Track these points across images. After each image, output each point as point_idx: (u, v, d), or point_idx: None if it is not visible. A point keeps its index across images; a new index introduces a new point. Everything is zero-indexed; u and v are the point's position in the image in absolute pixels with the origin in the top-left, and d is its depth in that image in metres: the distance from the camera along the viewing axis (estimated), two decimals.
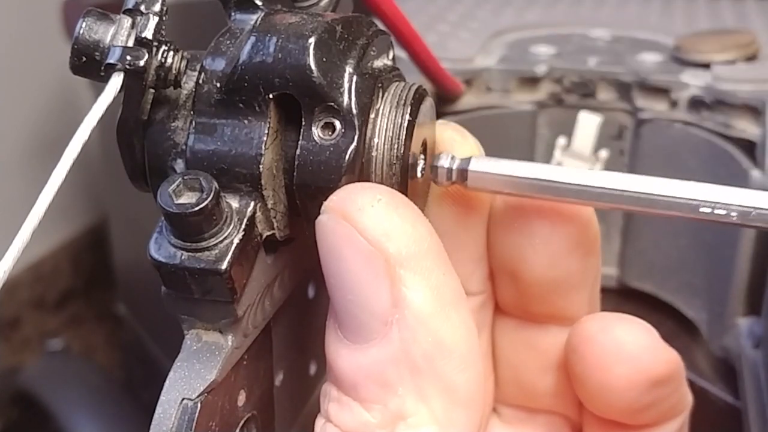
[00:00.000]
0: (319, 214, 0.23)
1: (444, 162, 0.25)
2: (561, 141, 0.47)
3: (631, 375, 0.25)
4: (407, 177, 0.24)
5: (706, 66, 0.45)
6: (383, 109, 0.24)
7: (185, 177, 0.22)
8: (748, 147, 0.42)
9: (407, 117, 0.24)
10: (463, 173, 0.25)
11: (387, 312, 0.22)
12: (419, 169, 0.25)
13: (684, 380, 0.27)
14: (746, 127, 0.42)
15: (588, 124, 0.47)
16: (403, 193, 0.24)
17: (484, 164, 0.25)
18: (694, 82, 0.44)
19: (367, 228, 0.22)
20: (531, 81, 0.47)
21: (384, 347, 0.22)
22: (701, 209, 0.23)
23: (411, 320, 0.22)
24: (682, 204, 0.23)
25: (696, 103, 0.44)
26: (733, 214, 0.23)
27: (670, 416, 0.27)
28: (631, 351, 0.25)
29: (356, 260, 0.22)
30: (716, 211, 0.23)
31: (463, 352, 0.22)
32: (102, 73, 0.23)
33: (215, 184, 0.22)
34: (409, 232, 0.22)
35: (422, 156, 0.25)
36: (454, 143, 0.27)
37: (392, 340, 0.22)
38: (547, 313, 0.28)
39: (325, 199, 0.23)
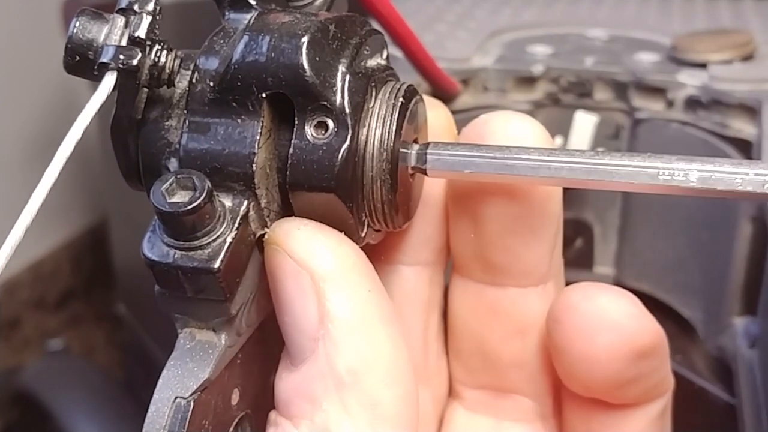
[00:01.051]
0: (313, 212, 0.24)
1: (403, 157, 0.25)
2: (558, 141, 0.47)
3: (615, 344, 0.24)
4: (397, 176, 0.24)
5: (702, 66, 0.46)
6: (376, 109, 0.24)
7: (178, 176, 0.22)
8: (745, 147, 0.42)
9: (399, 116, 0.24)
10: (422, 162, 0.25)
11: (315, 328, 0.23)
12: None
13: (668, 358, 0.26)
14: (742, 127, 0.42)
15: (585, 123, 0.47)
16: (395, 191, 0.24)
17: (441, 152, 0.25)
18: (690, 81, 0.44)
19: (294, 249, 0.23)
20: (528, 81, 0.47)
21: (312, 363, 0.23)
22: (660, 176, 0.23)
23: (335, 334, 0.22)
24: (641, 173, 0.23)
25: (692, 103, 0.44)
26: (693, 178, 0.22)
27: (653, 396, 0.26)
28: (614, 319, 0.24)
29: (287, 281, 0.23)
30: (675, 178, 0.23)
31: (389, 367, 0.23)
32: (95, 72, 0.23)
33: (208, 183, 0.22)
34: (332, 249, 0.23)
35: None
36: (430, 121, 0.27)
37: (319, 356, 0.22)
38: (507, 263, 0.27)
39: (319, 198, 0.23)
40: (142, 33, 0.23)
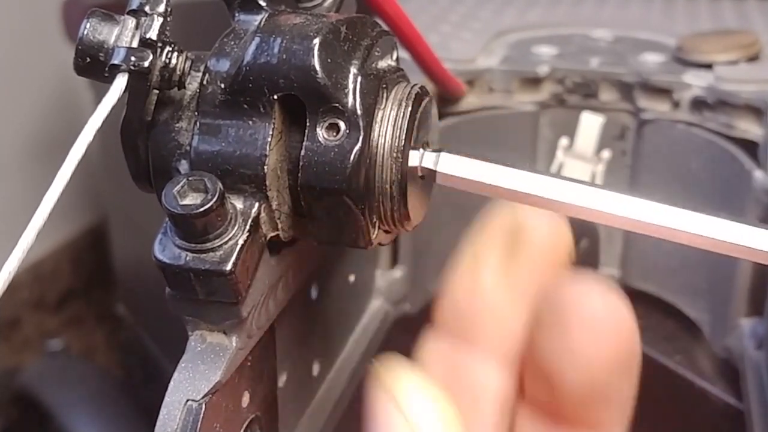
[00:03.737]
0: (324, 214, 0.23)
1: (414, 160, 0.25)
2: (563, 141, 0.47)
3: (609, 344, 0.23)
4: (408, 177, 0.24)
5: (708, 66, 0.45)
6: (387, 110, 0.24)
7: (190, 178, 0.22)
8: (751, 147, 0.42)
9: (410, 118, 0.24)
10: (431, 170, 0.25)
11: None
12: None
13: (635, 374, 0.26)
14: (749, 128, 0.42)
15: (590, 124, 0.46)
16: (405, 192, 0.24)
17: (452, 164, 0.25)
18: (696, 82, 0.44)
19: (404, 403, 0.22)
20: (533, 81, 0.47)
21: None
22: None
23: None
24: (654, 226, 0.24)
25: (698, 104, 0.44)
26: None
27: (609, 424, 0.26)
28: (616, 320, 0.23)
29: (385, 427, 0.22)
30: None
31: None
32: (106, 74, 0.23)
33: (220, 185, 0.22)
34: (438, 415, 0.22)
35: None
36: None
37: None
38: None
39: (330, 200, 0.23)
40: (153, 34, 0.22)
